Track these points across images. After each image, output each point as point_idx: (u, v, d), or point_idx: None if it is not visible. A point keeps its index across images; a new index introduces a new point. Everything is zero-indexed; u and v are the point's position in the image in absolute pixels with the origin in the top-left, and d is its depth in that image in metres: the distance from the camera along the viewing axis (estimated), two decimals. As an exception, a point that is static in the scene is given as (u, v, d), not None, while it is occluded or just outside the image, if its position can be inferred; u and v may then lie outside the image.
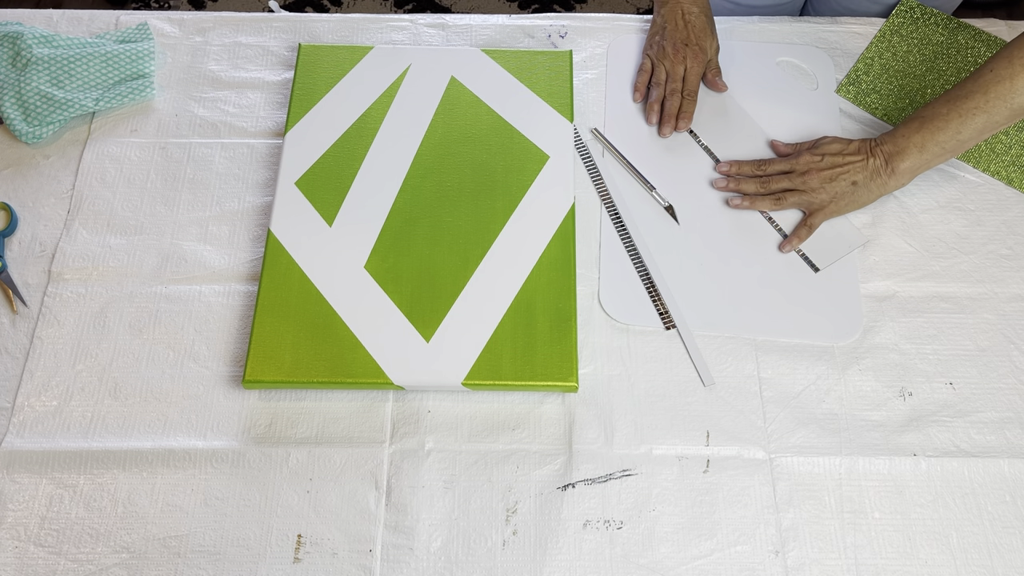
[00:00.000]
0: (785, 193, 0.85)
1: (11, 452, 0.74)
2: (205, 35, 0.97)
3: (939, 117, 0.79)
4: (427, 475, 0.74)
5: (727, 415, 0.77)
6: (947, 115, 0.78)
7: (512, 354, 0.76)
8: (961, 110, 0.78)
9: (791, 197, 0.84)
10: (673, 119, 0.90)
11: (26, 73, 0.88)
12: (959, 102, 0.78)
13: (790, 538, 0.72)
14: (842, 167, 0.83)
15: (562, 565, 0.70)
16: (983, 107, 0.77)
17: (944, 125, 0.79)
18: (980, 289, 0.83)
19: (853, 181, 0.82)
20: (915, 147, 0.80)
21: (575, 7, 1.92)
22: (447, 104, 0.89)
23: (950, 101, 0.79)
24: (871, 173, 0.82)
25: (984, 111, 0.77)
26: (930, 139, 0.79)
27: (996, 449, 0.75)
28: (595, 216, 0.86)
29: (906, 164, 0.81)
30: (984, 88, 0.76)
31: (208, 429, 0.75)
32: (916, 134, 0.80)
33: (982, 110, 0.77)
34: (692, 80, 0.90)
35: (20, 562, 0.70)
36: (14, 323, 0.80)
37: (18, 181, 0.87)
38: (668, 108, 0.90)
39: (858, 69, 0.95)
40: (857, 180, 0.82)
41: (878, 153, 0.82)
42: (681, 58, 0.89)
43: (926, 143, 0.80)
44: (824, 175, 0.83)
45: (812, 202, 0.84)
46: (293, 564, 0.70)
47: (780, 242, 0.84)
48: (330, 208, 0.83)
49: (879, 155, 0.82)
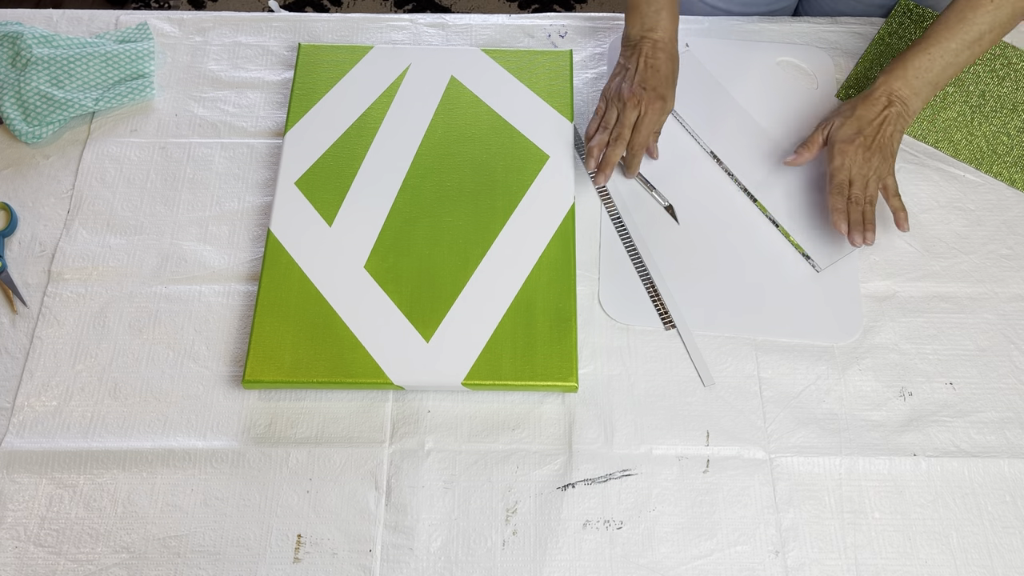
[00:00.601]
0: (867, 191, 0.82)
1: (11, 452, 0.74)
2: (205, 35, 0.97)
3: (950, 52, 0.80)
4: (427, 475, 0.74)
5: (727, 415, 0.77)
6: (957, 50, 0.80)
7: (512, 354, 0.76)
8: (969, 40, 0.79)
9: (875, 188, 0.83)
10: (609, 168, 0.83)
11: (26, 73, 0.88)
12: (966, 28, 0.79)
13: (790, 538, 0.72)
14: (879, 130, 0.82)
15: (562, 565, 0.70)
16: (989, 27, 0.79)
17: (954, 60, 0.80)
18: (980, 289, 0.83)
19: (891, 133, 0.82)
20: (931, 86, 0.82)
21: (575, 7, 1.92)
22: (447, 104, 0.89)
23: (956, 31, 0.80)
24: (897, 118, 0.82)
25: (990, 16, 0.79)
26: (944, 76, 0.81)
27: (996, 449, 0.75)
28: (595, 216, 0.86)
29: (922, 102, 0.83)
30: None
31: (208, 429, 0.75)
32: (929, 73, 0.81)
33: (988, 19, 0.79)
34: (643, 131, 0.83)
35: (20, 562, 0.70)
36: (14, 323, 0.80)
37: (18, 181, 0.87)
38: (607, 156, 0.83)
39: (857, 72, 0.95)
40: (893, 130, 0.83)
41: (895, 100, 0.82)
42: (636, 102, 0.82)
43: (940, 81, 0.82)
44: (881, 153, 0.82)
45: (886, 177, 0.83)
46: (293, 564, 0.70)
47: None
48: (330, 208, 0.83)
49: (897, 102, 0.82)
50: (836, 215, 0.81)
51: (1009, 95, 0.93)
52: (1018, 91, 0.94)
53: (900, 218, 0.83)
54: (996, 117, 0.92)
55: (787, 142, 0.90)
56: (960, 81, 0.94)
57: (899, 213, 0.83)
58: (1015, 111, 0.92)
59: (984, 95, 0.94)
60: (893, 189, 0.83)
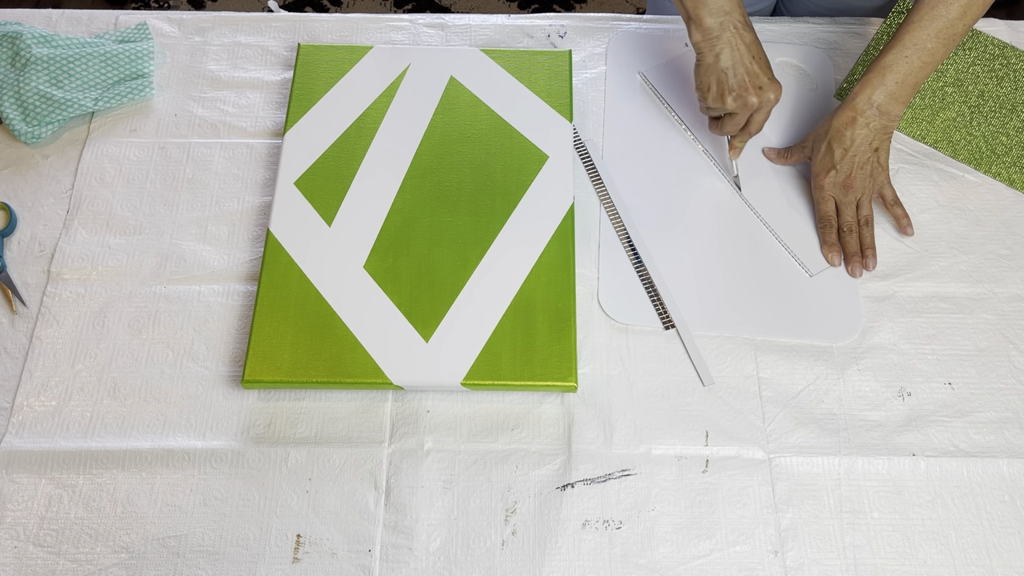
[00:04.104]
0: (861, 210, 0.83)
1: (10, 452, 0.74)
2: (204, 35, 0.97)
3: (926, 51, 0.78)
4: (426, 475, 0.74)
5: (726, 415, 0.77)
6: (933, 49, 0.78)
7: (511, 354, 0.76)
8: (942, 34, 0.78)
9: (868, 207, 0.83)
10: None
11: (25, 73, 0.88)
12: (935, 23, 0.78)
13: (789, 538, 0.72)
14: (857, 153, 0.81)
15: (561, 565, 0.71)
16: (960, 17, 0.77)
17: (931, 59, 0.78)
18: (979, 289, 0.83)
19: (875, 148, 0.81)
20: (910, 88, 0.80)
21: (575, 7, 1.92)
22: (446, 104, 0.89)
23: (929, 28, 0.78)
24: (879, 131, 0.80)
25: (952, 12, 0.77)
26: (921, 74, 0.79)
27: (995, 449, 0.75)
28: (594, 216, 0.86)
29: (902, 105, 0.80)
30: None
31: (207, 429, 0.75)
32: (908, 75, 0.79)
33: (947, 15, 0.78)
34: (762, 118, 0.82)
35: (19, 562, 0.70)
36: (13, 323, 0.80)
37: (17, 181, 0.87)
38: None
39: (856, 72, 0.95)
40: (879, 146, 0.81)
41: (876, 111, 0.80)
42: (764, 96, 0.79)
43: (918, 80, 0.79)
44: (864, 171, 0.81)
45: (882, 188, 0.82)
46: (292, 564, 0.70)
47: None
48: (329, 208, 0.83)
49: (878, 111, 0.80)
50: (826, 250, 0.83)
51: (1008, 95, 0.93)
52: (1017, 91, 0.94)
53: (903, 224, 0.83)
54: (995, 117, 0.92)
55: (786, 142, 0.90)
56: (959, 81, 0.94)
57: (901, 220, 0.83)
58: (1014, 111, 0.93)
59: (983, 95, 0.94)
60: (891, 198, 0.83)
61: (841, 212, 0.83)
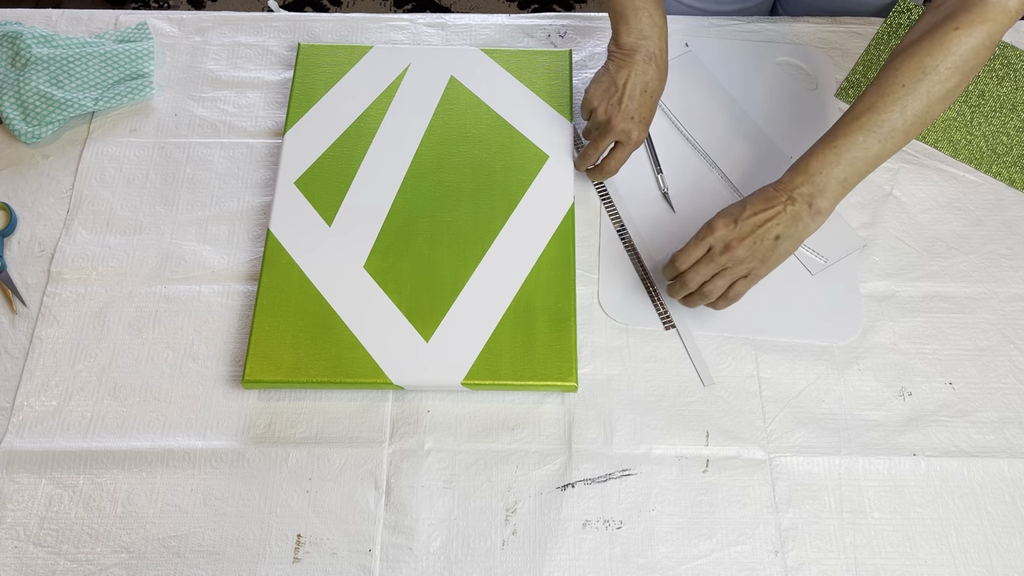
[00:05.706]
0: (715, 280, 0.74)
1: (10, 452, 0.74)
2: (204, 35, 0.97)
3: (857, 145, 0.71)
4: (427, 475, 0.74)
5: (726, 415, 0.77)
6: (865, 143, 0.71)
7: (511, 354, 0.76)
8: (880, 132, 0.71)
9: (729, 284, 0.74)
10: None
11: (25, 73, 0.88)
12: (875, 118, 0.71)
13: (789, 538, 0.72)
14: (762, 225, 0.72)
15: (561, 565, 0.70)
16: (900, 116, 0.71)
17: (863, 154, 0.71)
18: (979, 289, 0.83)
19: (776, 236, 0.72)
20: (837, 182, 0.71)
21: (574, 7, 1.92)
22: (446, 104, 0.89)
23: (864, 123, 0.71)
24: (791, 220, 0.72)
25: (901, 121, 0.71)
26: (852, 170, 0.71)
27: (995, 449, 0.75)
28: (595, 216, 0.86)
29: (828, 201, 0.72)
30: (896, 94, 0.70)
31: (207, 429, 0.75)
32: (835, 168, 0.71)
33: (898, 122, 0.71)
34: (618, 161, 0.83)
35: (19, 562, 0.70)
36: (14, 323, 0.80)
37: (17, 181, 0.87)
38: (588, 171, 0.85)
39: (856, 72, 0.95)
40: (780, 233, 0.72)
41: (797, 198, 0.72)
42: (620, 133, 0.80)
43: (848, 176, 0.72)
44: (747, 242, 0.72)
45: (752, 275, 0.74)
46: (292, 564, 0.70)
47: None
48: (329, 208, 0.83)
49: (798, 199, 0.72)
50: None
51: (1009, 95, 0.93)
52: (1018, 91, 0.94)
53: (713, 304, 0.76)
54: (996, 117, 0.92)
55: (786, 143, 0.90)
56: (959, 81, 0.94)
57: (714, 305, 0.76)
58: (1014, 111, 0.93)
59: (984, 95, 0.94)
60: (734, 296, 0.74)
61: (698, 269, 0.74)
